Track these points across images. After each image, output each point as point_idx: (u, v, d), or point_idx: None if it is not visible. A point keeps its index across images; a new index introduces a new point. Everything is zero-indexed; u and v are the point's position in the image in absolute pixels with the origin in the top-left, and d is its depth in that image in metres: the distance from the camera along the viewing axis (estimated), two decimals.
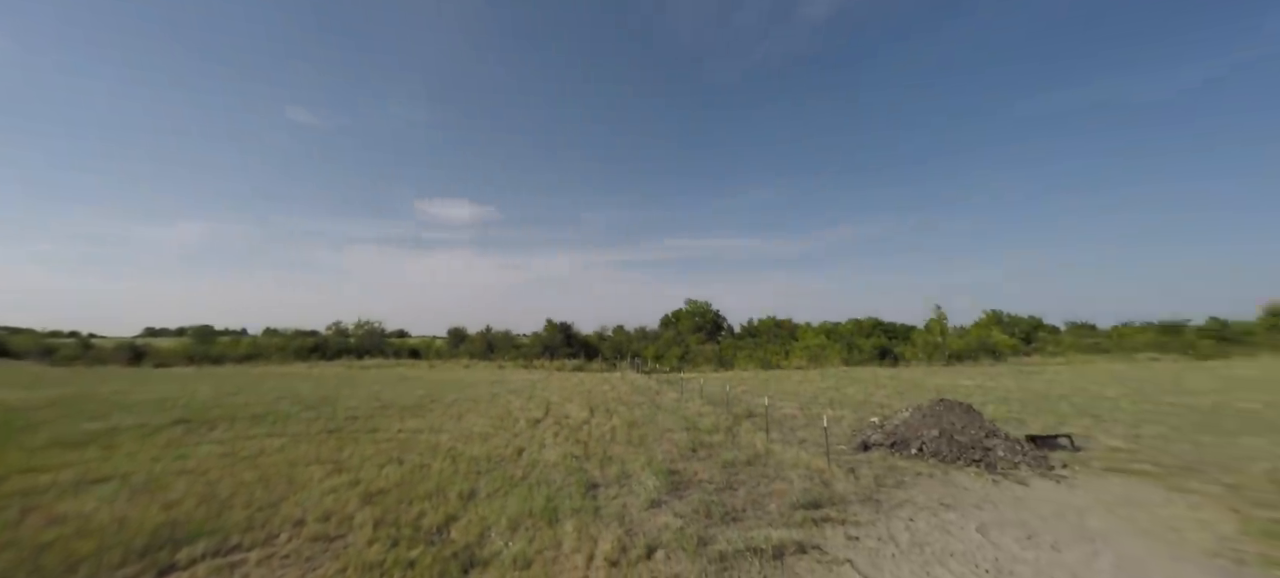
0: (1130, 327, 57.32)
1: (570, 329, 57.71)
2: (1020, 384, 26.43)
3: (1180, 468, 10.60)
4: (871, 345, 46.86)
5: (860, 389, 25.52)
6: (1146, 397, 20.67)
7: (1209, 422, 15.18)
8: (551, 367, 44.75)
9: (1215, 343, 48.20)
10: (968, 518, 8.37)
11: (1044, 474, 10.23)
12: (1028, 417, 16.71)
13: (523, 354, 52.77)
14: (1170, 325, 54.71)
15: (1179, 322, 55.25)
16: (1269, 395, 20.17)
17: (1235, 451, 11.80)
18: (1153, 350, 47.87)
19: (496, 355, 53.57)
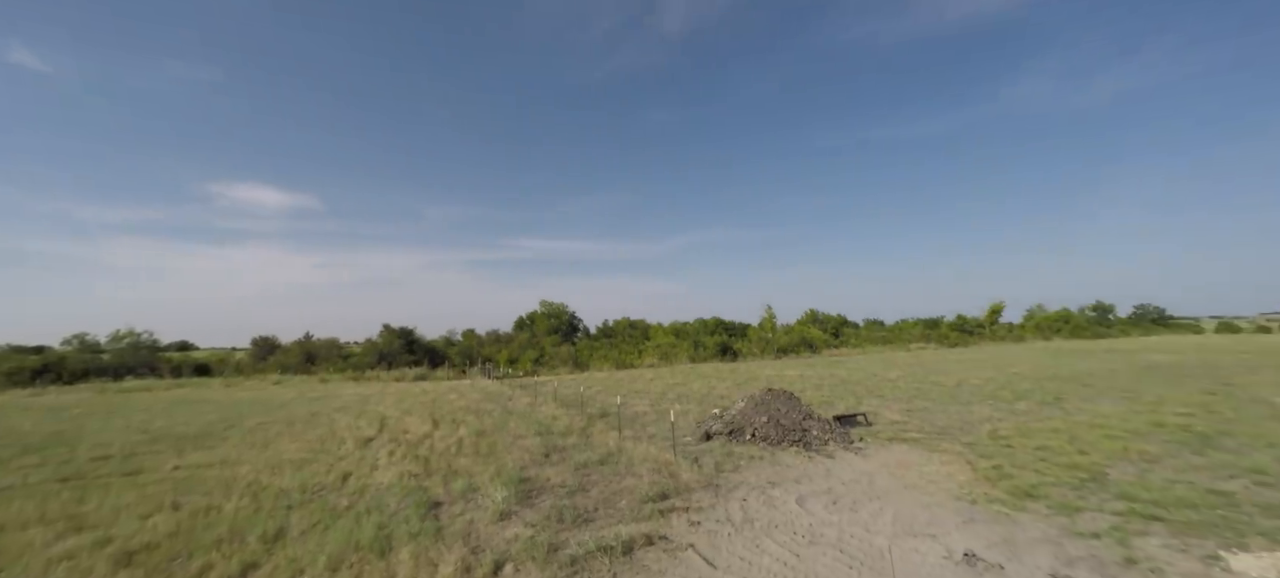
0: (906, 322, 72.92)
1: (412, 335, 52.23)
2: (830, 373, 31.49)
3: (936, 433, 13.58)
4: (714, 343, 51.48)
5: (704, 384, 27.80)
6: (916, 378, 26.25)
7: (954, 396, 19.85)
8: (389, 378, 39.95)
9: (959, 334, 63.91)
10: (789, 492, 9.55)
11: (846, 448, 12.21)
12: (835, 399, 19.94)
13: (353, 365, 46.08)
14: (931, 321, 70.97)
15: (936, 318, 72.10)
16: (989, 374, 27.19)
17: (970, 417, 15.57)
18: (921, 341, 61.32)
19: (319, 368, 45.94)
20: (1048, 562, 6.55)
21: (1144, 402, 16.98)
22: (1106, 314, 79.41)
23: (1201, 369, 26.13)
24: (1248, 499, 8.17)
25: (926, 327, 68.07)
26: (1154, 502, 8.15)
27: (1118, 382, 22.27)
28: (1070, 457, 10.78)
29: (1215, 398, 17.23)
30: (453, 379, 39.44)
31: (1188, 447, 11.33)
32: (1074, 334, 67.85)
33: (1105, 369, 27.49)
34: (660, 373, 36.77)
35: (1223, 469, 9.68)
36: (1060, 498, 8.55)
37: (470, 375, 41.85)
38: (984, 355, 41.85)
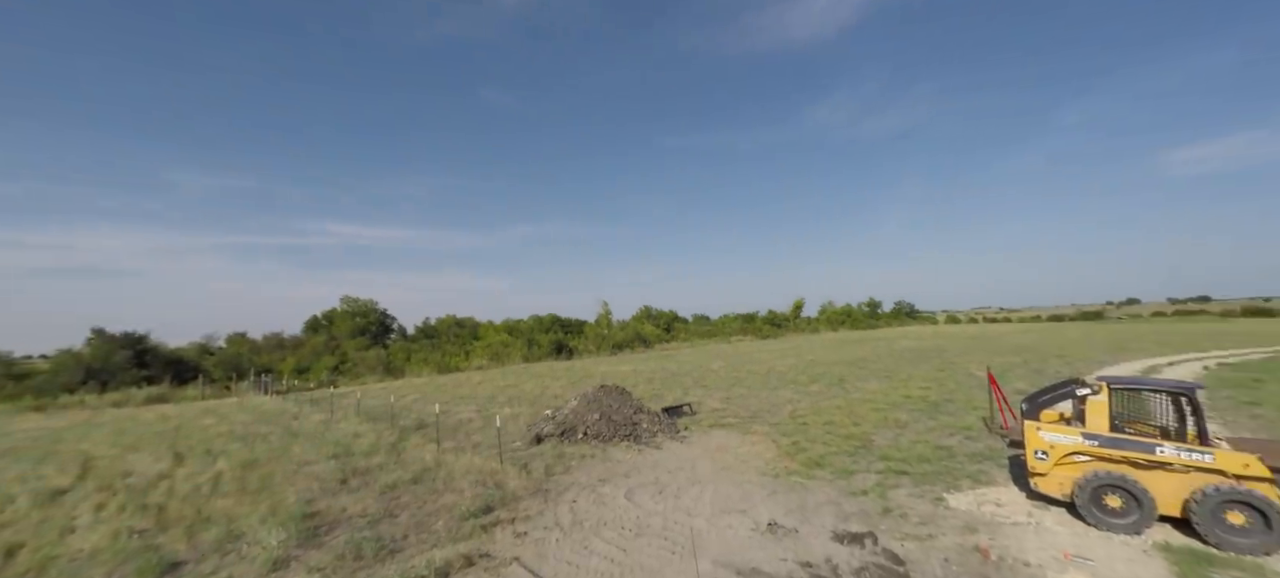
0: (728, 317, 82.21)
1: (143, 342, 40.06)
2: (661, 366, 33.68)
3: (749, 417, 15.28)
4: (550, 341, 50.96)
5: (538, 384, 27.23)
6: (735, 368, 29.54)
7: (765, 382, 22.77)
8: (103, 402, 30.07)
9: (771, 327, 74.40)
10: (618, 488, 9.67)
11: (674, 438, 12.95)
12: (665, 392, 21.25)
13: (35, 389, 33.34)
14: (748, 316, 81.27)
15: (752, 313, 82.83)
16: (792, 361, 32.00)
17: (776, 400, 17.94)
18: (740, 334, 69.81)
19: None
20: (830, 521, 7.71)
21: (898, 379, 21.76)
22: (876, 309, 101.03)
23: (935, 352, 34.71)
24: (961, 451, 10.86)
25: (744, 321, 77.96)
26: (903, 460, 10.30)
27: (882, 364, 28.24)
28: (848, 429, 13.10)
29: (943, 374, 22.97)
30: (211, 399, 31.52)
31: (925, 413, 14.72)
32: (854, 326, 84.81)
33: (874, 355, 34.71)
34: (490, 375, 34.91)
35: (946, 429, 12.76)
36: (840, 465, 10.26)
37: (239, 392, 33.97)
38: (789, 346, 49.50)
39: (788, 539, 7.35)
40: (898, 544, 6.90)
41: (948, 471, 9.56)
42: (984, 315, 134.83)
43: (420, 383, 33.09)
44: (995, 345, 38.24)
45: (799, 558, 6.85)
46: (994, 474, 9.26)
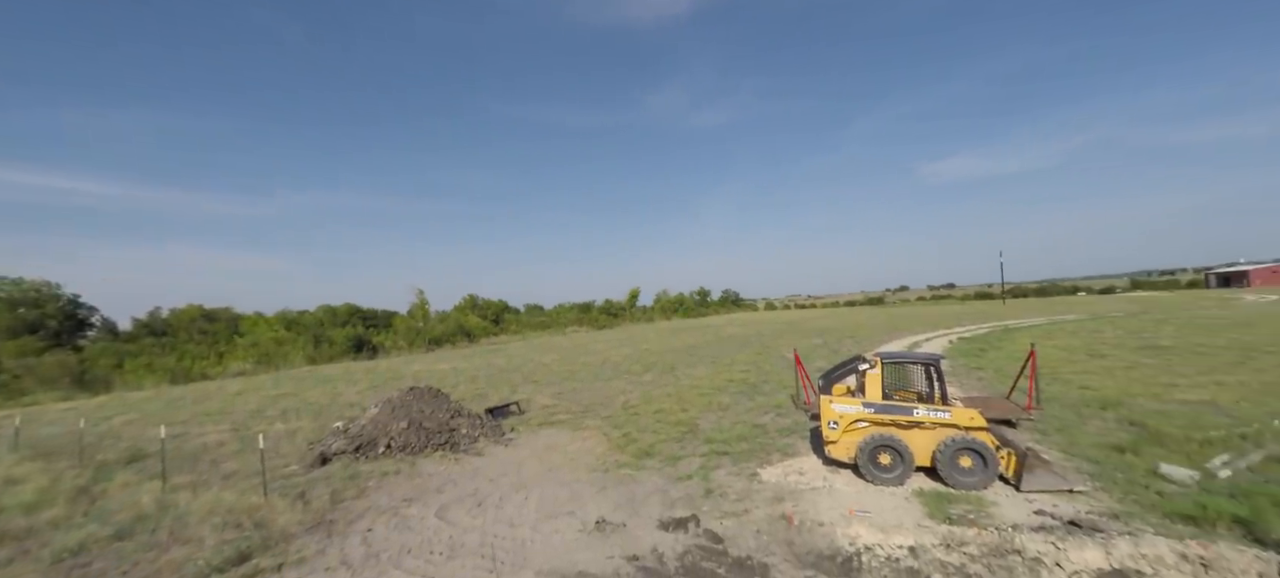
0: (563, 307, 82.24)
1: None
2: (487, 362, 31.95)
3: (582, 411, 15.15)
4: (347, 337, 44.15)
5: (327, 391, 23.22)
6: (569, 361, 29.42)
7: (599, 373, 23.02)
8: None
9: (607, 316, 76.44)
10: (429, 506, 8.58)
11: (498, 441, 12.11)
12: (490, 390, 20.05)
13: None
14: (584, 306, 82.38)
15: (588, 303, 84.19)
16: (628, 351, 33.10)
17: (610, 391, 18.17)
18: (576, 324, 70.35)
19: None
20: (658, 510, 7.87)
21: (723, 364, 23.95)
22: (706, 297, 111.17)
23: (756, 338, 39.26)
24: (774, 428, 12.18)
25: (580, 311, 78.90)
26: (724, 441, 11.14)
27: (710, 351, 30.91)
28: (677, 415, 13.82)
29: (761, 357, 25.97)
30: None
31: (745, 395, 16.31)
32: (686, 314, 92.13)
33: (703, 341, 37.89)
34: (257, 383, 28.60)
35: (762, 409, 14.26)
36: (669, 452, 10.67)
37: None
38: (625, 335, 51.49)
39: (615, 535, 7.28)
40: (718, 523, 7.30)
41: (762, 447, 10.61)
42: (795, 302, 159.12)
43: (140, 399, 25.43)
44: (803, 329, 44.96)
45: (626, 553, 6.81)
46: (799, 446, 10.55)
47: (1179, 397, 12.67)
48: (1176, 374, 15.44)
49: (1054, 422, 10.99)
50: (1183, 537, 5.91)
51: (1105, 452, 9.14)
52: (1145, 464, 8.37)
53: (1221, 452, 8.60)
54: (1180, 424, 10.20)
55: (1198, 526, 6.29)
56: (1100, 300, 73.21)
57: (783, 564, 6.45)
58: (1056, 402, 12.66)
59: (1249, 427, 9.67)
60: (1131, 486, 7.67)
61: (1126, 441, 9.56)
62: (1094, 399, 12.85)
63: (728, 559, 6.58)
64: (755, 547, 6.76)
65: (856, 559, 6.44)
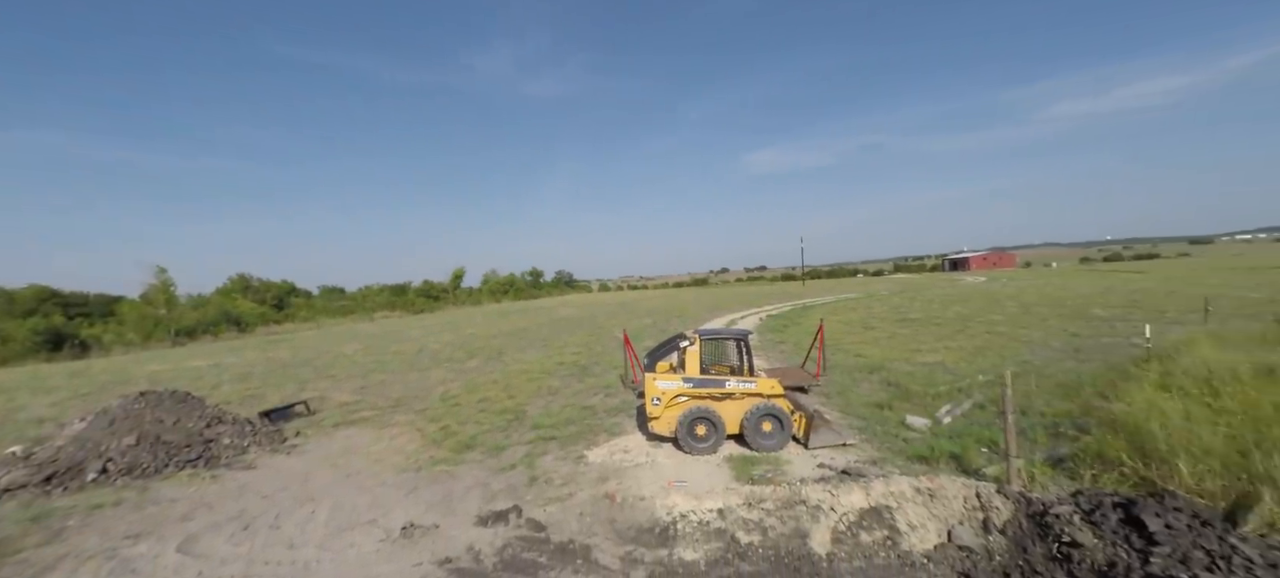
0: (371, 289, 73.90)
1: None
2: (265, 355, 27.21)
3: (391, 407, 13.75)
4: (33, 331, 33.75)
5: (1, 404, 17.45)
6: (378, 350, 26.54)
7: (414, 363, 21.17)
8: None
9: (426, 300, 70.72)
10: (168, 540, 6.96)
11: (277, 449, 10.34)
12: (268, 390, 17.07)
13: None
14: (398, 288, 75.05)
15: (403, 285, 76.95)
16: (449, 337, 31.02)
17: (426, 382, 16.81)
18: (387, 309, 63.78)
19: None
20: (476, 505, 7.51)
21: (555, 346, 23.90)
22: (539, 278, 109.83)
23: (589, 319, 39.96)
24: (602, 408, 12.50)
25: (393, 294, 71.74)
26: (552, 426, 11.10)
27: (541, 333, 30.60)
28: (503, 403, 13.38)
29: (593, 338, 26.49)
30: None
31: (575, 377, 16.47)
32: (517, 296, 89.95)
33: (535, 324, 37.38)
34: None
35: (592, 390, 14.53)
36: (492, 442, 10.26)
37: None
38: (447, 320, 48.32)
39: (426, 539, 6.75)
40: (541, 511, 7.24)
41: (590, 429, 10.82)
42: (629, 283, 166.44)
43: None
44: (635, 310, 47.22)
45: (437, 557, 6.36)
46: (626, 425, 11.00)
47: (921, 360, 16.28)
48: (920, 342, 19.83)
49: (835, 386, 13.25)
50: (918, 474, 7.57)
51: (871, 409, 11.30)
52: (897, 417, 10.54)
53: (946, 403, 11.25)
54: (921, 382, 13.10)
55: (928, 463, 8.12)
56: (873, 282, 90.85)
57: (604, 543, 6.65)
58: (838, 369, 15.27)
59: (964, 382, 12.84)
60: (887, 435, 9.59)
61: (885, 398, 11.95)
62: (865, 365, 15.82)
63: (550, 546, 6.56)
64: (578, 529, 6.86)
65: (672, 528, 6.93)
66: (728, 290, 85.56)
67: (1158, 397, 7.73)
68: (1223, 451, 5.99)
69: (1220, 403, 7.35)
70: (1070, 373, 12.99)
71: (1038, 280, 61.73)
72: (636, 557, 6.52)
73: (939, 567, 6.44)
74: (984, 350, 17.16)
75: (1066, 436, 8.37)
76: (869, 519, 6.97)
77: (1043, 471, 7.24)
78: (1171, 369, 9.95)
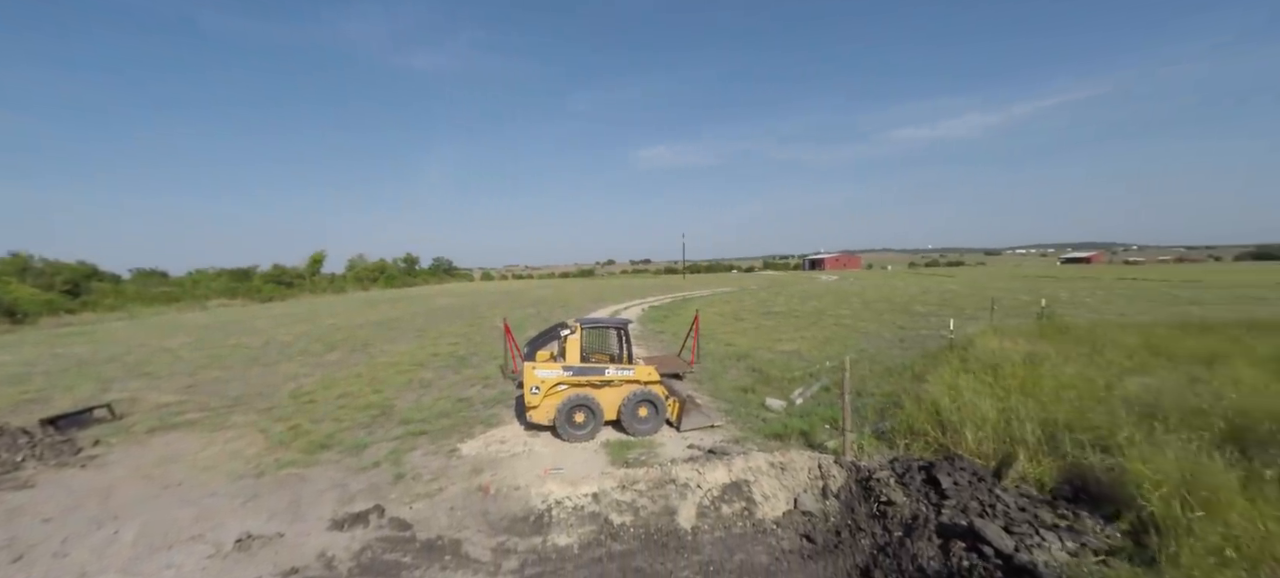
0: (204, 273, 63.28)
1: None
2: (52, 352, 22.20)
3: (226, 407, 11.99)
4: None
5: None
6: (211, 343, 22.91)
7: (258, 358, 18.61)
8: None
9: (277, 287, 62.16)
10: None
11: (66, 463, 8.53)
12: (56, 393, 13.94)
13: None
14: (240, 273, 65.10)
15: (247, 269, 66.90)
16: (304, 328, 27.70)
17: (273, 379, 14.87)
18: (226, 296, 55.15)
19: None
20: (331, 508, 6.86)
21: (430, 337, 22.45)
22: (414, 265, 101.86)
23: (469, 309, 38.02)
24: (479, 399, 12.03)
25: (234, 279, 62.04)
26: (423, 420, 10.47)
27: (415, 323, 28.55)
28: (367, 397, 12.31)
29: (473, 328, 25.29)
30: None
31: (451, 368, 15.65)
32: (389, 284, 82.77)
33: (409, 314, 34.77)
34: None
35: (469, 382, 13.91)
36: (353, 439, 9.42)
37: None
38: (304, 309, 43.15)
39: (266, 550, 6.04)
40: (407, 509, 6.82)
41: (465, 421, 10.38)
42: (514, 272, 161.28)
43: None
44: (519, 299, 45.98)
45: (281, 568, 5.73)
46: (504, 416, 10.72)
47: (781, 348, 17.91)
48: (781, 332, 21.80)
49: (707, 372, 14.11)
50: (773, 450, 8.36)
51: (737, 393, 12.20)
52: (759, 399, 11.51)
53: (799, 386, 12.51)
54: (780, 368, 14.42)
55: (781, 440, 8.98)
56: (746, 277, 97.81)
57: (476, 536, 6.47)
58: (711, 357, 16.27)
59: (814, 367, 14.37)
60: (749, 417, 10.44)
61: (749, 383, 12.98)
62: (733, 353, 17.03)
63: (416, 545, 6.22)
64: (448, 524, 6.59)
65: (547, 515, 6.94)
66: (613, 282, 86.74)
67: (955, 378, 9.32)
68: (995, 420, 7.43)
69: (997, 383, 9.08)
70: (896, 359, 15.13)
71: (876, 281, 70.87)
72: (509, 547, 6.42)
73: (786, 531, 7.18)
74: (832, 340, 19.34)
75: (889, 412, 9.76)
76: (730, 493, 7.55)
77: (870, 442, 8.38)
78: (966, 356, 12.06)
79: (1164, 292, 38.93)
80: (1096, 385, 8.77)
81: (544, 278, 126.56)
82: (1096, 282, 53.92)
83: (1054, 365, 10.22)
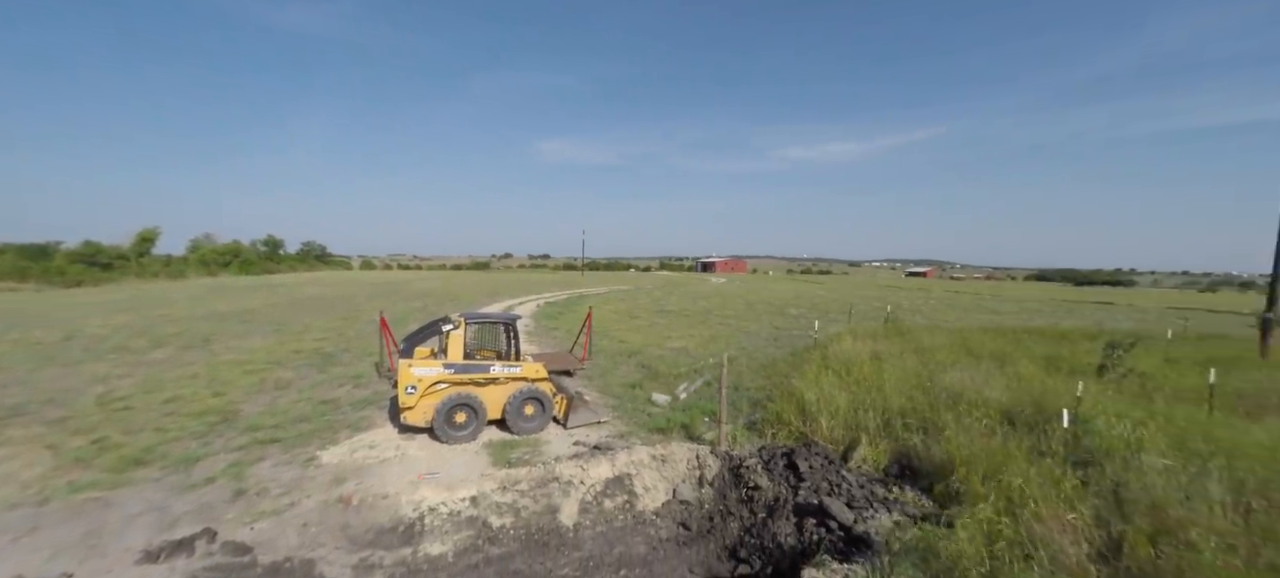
0: None
1: None
2: None
3: (3, 416, 9.63)
4: None
5: None
6: None
7: (56, 356, 15.24)
8: None
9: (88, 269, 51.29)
10: None
11: None
12: None
13: None
14: (34, 250, 52.76)
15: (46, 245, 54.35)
16: (125, 319, 23.22)
17: (72, 382, 12.23)
18: (11, 278, 44.54)
19: None
20: (145, 537, 5.77)
21: (292, 332, 19.93)
22: (277, 249, 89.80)
23: (344, 300, 34.38)
24: (347, 401, 10.89)
25: (24, 258, 50.09)
26: (276, 426, 9.24)
27: (276, 315, 25.21)
28: (204, 402, 10.60)
29: (346, 323, 22.88)
30: None
31: (316, 367, 14.01)
32: (244, 270, 72.21)
33: (268, 305, 30.60)
34: None
35: (336, 381, 12.54)
36: (181, 452, 8.03)
37: None
38: (124, 297, 36.26)
39: None
40: (247, 530, 5.95)
41: (328, 425, 9.34)
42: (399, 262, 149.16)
43: None
44: (404, 291, 42.58)
45: None
46: (376, 418, 9.81)
47: (671, 345, 18.45)
48: (672, 330, 22.49)
49: (598, 369, 14.11)
50: (654, 443, 8.55)
51: (626, 389, 12.33)
52: (646, 395, 11.73)
53: (684, 381, 12.96)
54: (668, 364, 14.84)
55: (664, 434, 9.22)
56: (643, 277, 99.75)
57: (334, 553, 5.83)
58: (603, 354, 16.30)
59: (699, 364, 14.99)
60: (636, 412, 10.59)
61: (639, 379, 13.19)
62: (625, 350, 17.23)
63: (257, 570, 5.45)
64: (299, 544, 5.86)
65: (420, 523, 6.46)
66: (510, 276, 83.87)
67: (816, 374, 10.22)
68: (846, 410, 8.26)
69: (850, 377, 10.11)
70: (770, 356, 16.29)
71: (759, 285, 76.00)
72: (374, 562, 5.88)
73: (664, 520, 7.37)
74: (717, 338, 20.33)
75: (761, 404, 10.45)
76: (613, 487, 7.58)
77: (742, 433, 8.90)
78: (827, 354, 13.31)
79: (976, 303, 46.28)
80: (923, 378, 10.12)
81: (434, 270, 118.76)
82: (929, 293, 62.59)
83: (893, 362, 11.63)
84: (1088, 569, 4.48)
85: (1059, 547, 4.67)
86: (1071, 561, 4.56)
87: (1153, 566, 4.35)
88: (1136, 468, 5.70)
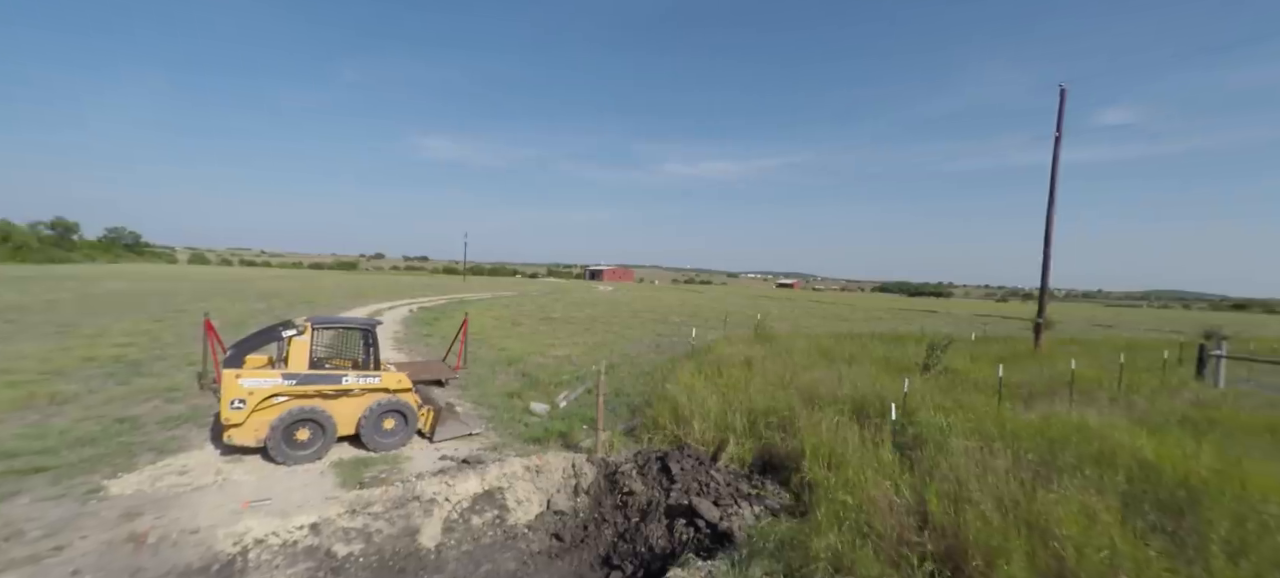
0: None
1: None
2: None
3: None
4: None
5: None
6: None
7: None
8: None
9: None
10: None
11: None
12: None
13: None
14: None
15: None
16: None
17: None
18: None
19: None
20: None
21: (83, 335, 16.21)
22: (69, 234, 73.12)
23: (161, 297, 28.85)
24: (152, 418, 9.03)
25: None
26: (46, 451, 7.35)
27: (58, 314, 20.37)
28: None
29: (162, 324, 19.14)
30: None
31: (114, 378, 11.50)
32: (18, 257, 57.59)
33: (48, 301, 24.67)
34: None
35: (141, 394, 10.38)
36: None
37: None
38: None
39: None
40: None
41: (123, 448, 7.63)
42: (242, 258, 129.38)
43: None
44: (245, 290, 36.91)
45: None
46: (191, 438, 8.25)
47: (554, 353, 18.03)
48: (557, 337, 22.02)
49: (475, 378, 13.29)
50: (529, 454, 8.18)
51: (504, 398, 11.73)
52: (524, 404, 11.25)
53: (565, 389, 12.67)
54: (550, 373, 14.44)
55: (541, 444, 8.88)
56: (529, 283, 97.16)
57: None
58: (482, 362, 15.42)
59: (582, 371, 14.79)
60: (512, 422, 10.09)
61: (518, 388, 12.64)
62: (506, 358, 16.47)
63: None
64: None
65: (240, 559, 5.47)
66: (381, 278, 76.79)
67: (691, 378, 10.56)
68: (717, 412, 8.61)
69: (721, 380, 10.60)
70: (653, 363, 16.60)
71: (644, 293, 77.92)
72: None
73: (537, 533, 7.04)
74: (602, 345, 20.30)
75: (640, 410, 10.54)
76: (482, 503, 7.10)
77: (619, 438, 8.86)
78: (702, 359, 13.89)
79: (832, 311, 51.71)
80: (784, 379, 10.94)
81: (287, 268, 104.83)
82: (794, 302, 68.85)
83: (760, 365, 12.45)
84: (906, 525, 5.10)
85: (882, 517, 5.24)
86: (891, 528, 5.14)
87: (951, 519, 5.12)
88: (946, 450, 6.65)
